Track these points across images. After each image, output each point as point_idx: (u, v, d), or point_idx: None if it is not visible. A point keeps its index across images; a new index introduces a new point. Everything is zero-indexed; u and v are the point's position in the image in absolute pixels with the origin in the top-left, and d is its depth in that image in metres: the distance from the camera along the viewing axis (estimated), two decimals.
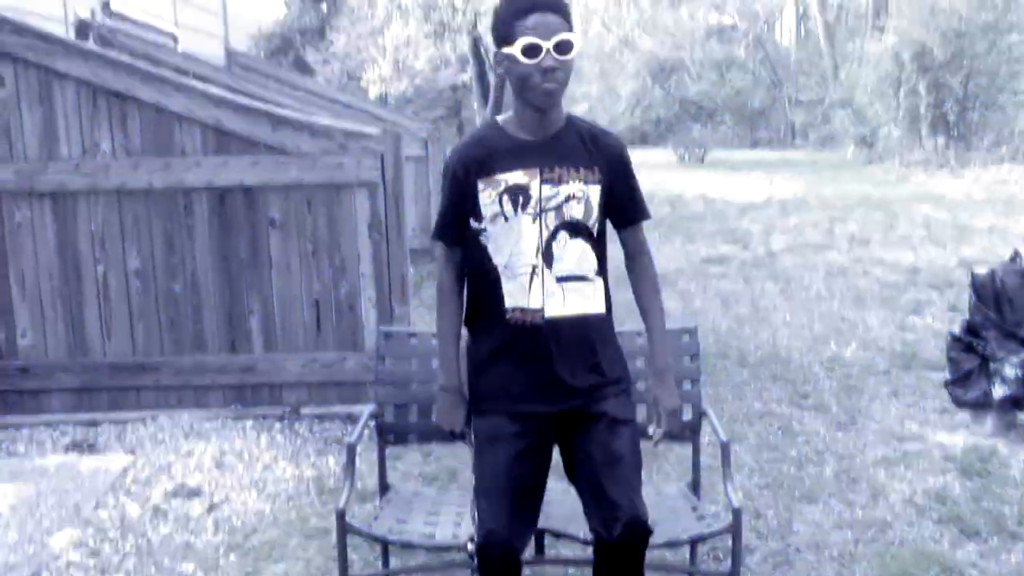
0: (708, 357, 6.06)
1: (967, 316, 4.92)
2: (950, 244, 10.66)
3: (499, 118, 2.53)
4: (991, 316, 4.73)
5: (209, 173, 4.81)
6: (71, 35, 9.12)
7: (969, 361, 4.76)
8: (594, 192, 2.43)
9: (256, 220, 4.88)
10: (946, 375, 4.97)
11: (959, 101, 21.25)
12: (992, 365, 4.65)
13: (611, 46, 33.63)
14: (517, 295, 2.42)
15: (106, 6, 10.25)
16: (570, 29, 2.33)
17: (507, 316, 2.43)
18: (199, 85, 5.11)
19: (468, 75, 24.36)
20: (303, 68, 27.41)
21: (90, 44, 9.09)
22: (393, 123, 10.88)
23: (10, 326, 4.93)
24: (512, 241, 2.40)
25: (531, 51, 2.29)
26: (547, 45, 2.28)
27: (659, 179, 19.53)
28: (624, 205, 2.52)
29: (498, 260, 2.42)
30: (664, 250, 10.76)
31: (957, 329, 4.96)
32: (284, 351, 4.97)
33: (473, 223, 2.44)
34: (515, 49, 2.30)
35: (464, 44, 20.73)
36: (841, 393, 5.48)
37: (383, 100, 22.08)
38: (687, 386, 3.13)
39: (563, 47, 2.30)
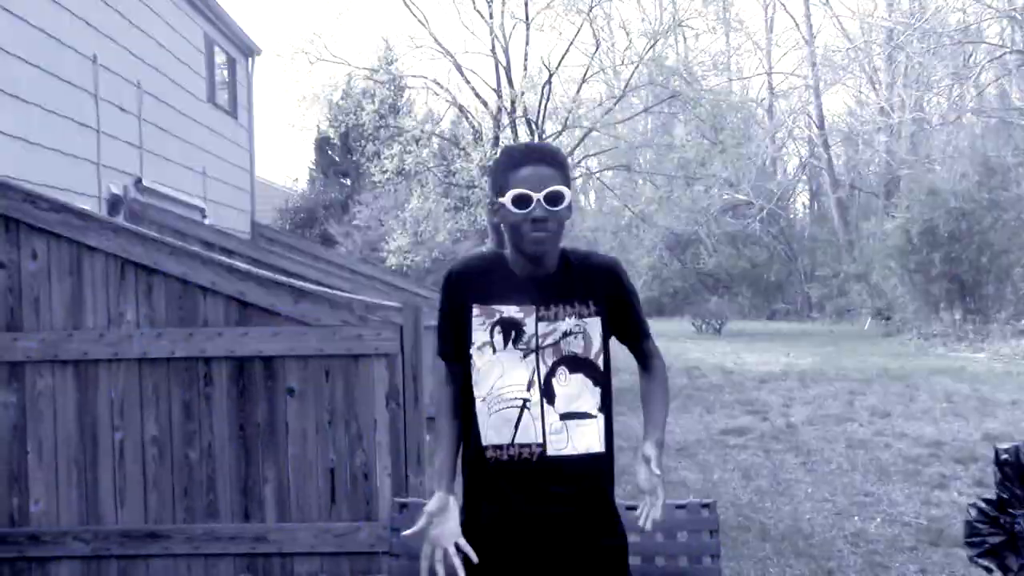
0: (728, 531, 5.93)
1: (994, 490, 4.82)
2: (973, 417, 10.54)
3: (506, 251, 2.53)
4: (1018, 493, 4.64)
5: (230, 343, 4.87)
6: (104, 210, 9.45)
7: (995, 536, 4.64)
8: (592, 324, 2.40)
9: (274, 389, 4.91)
10: (968, 549, 4.82)
11: (973, 275, 21.45)
12: (1021, 542, 4.53)
13: (627, 220, 34.40)
14: (492, 433, 2.37)
15: (138, 182, 10.65)
16: (563, 182, 2.35)
17: (487, 455, 2.38)
18: (224, 259, 5.24)
19: (487, 247, 24.87)
20: (327, 240, 28.09)
21: (121, 219, 9.40)
22: (413, 293, 11.07)
23: (24, 493, 4.90)
24: (495, 375, 2.36)
25: (522, 201, 2.33)
26: (537, 196, 2.32)
27: (677, 350, 19.56)
28: (626, 324, 2.51)
29: (478, 392, 2.39)
30: (682, 421, 10.68)
31: (984, 503, 4.85)
32: (297, 520, 4.91)
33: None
34: (507, 199, 2.35)
35: (483, 217, 21.24)
36: (867, 570, 5.32)
37: (402, 271, 22.49)
38: (707, 561, 3.06)
39: (554, 198, 2.33)
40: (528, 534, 2.37)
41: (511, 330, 2.37)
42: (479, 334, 2.39)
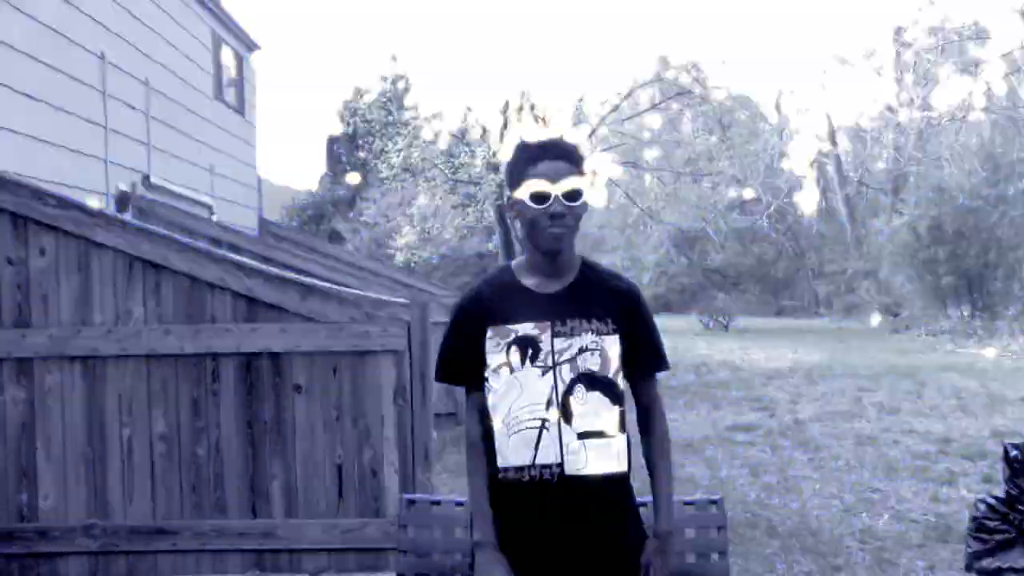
0: (736, 527, 5.92)
1: (1003, 487, 4.80)
2: (981, 414, 10.51)
3: (513, 264, 2.50)
4: None
5: (238, 340, 4.88)
6: (112, 207, 9.47)
7: (1003, 533, 4.62)
8: (610, 343, 2.37)
9: (282, 385, 4.92)
10: (972, 545, 4.78)
11: (980, 271, 21.40)
12: None
13: (635, 217, 34.32)
14: (512, 455, 2.34)
15: (146, 179, 10.66)
16: (580, 176, 2.35)
17: (499, 477, 2.37)
18: (232, 256, 5.25)
19: (494, 243, 24.85)
20: (335, 237, 28.12)
21: (129, 216, 9.41)
22: (420, 290, 11.06)
23: (32, 489, 4.92)
24: (513, 396, 2.33)
25: (539, 197, 2.30)
26: (555, 191, 2.30)
27: (684, 346, 19.55)
28: (639, 353, 2.45)
29: (497, 415, 2.36)
30: (689, 417, 10.67)
31: (992, 499, 4.83)
32: (305, 516, 4.91)
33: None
34: (524, 194, 2.33)
35: (490, 214, 21.21)
36: (875, 567, 5.31)
37: (409, 267, 22.49)
38: (714, 558, 3.05)
39: (572, 194, 2.31)
40: (550, 555, 2.35)
41: (527, 347, 2.34)
42: (494, 356, 2.35)
